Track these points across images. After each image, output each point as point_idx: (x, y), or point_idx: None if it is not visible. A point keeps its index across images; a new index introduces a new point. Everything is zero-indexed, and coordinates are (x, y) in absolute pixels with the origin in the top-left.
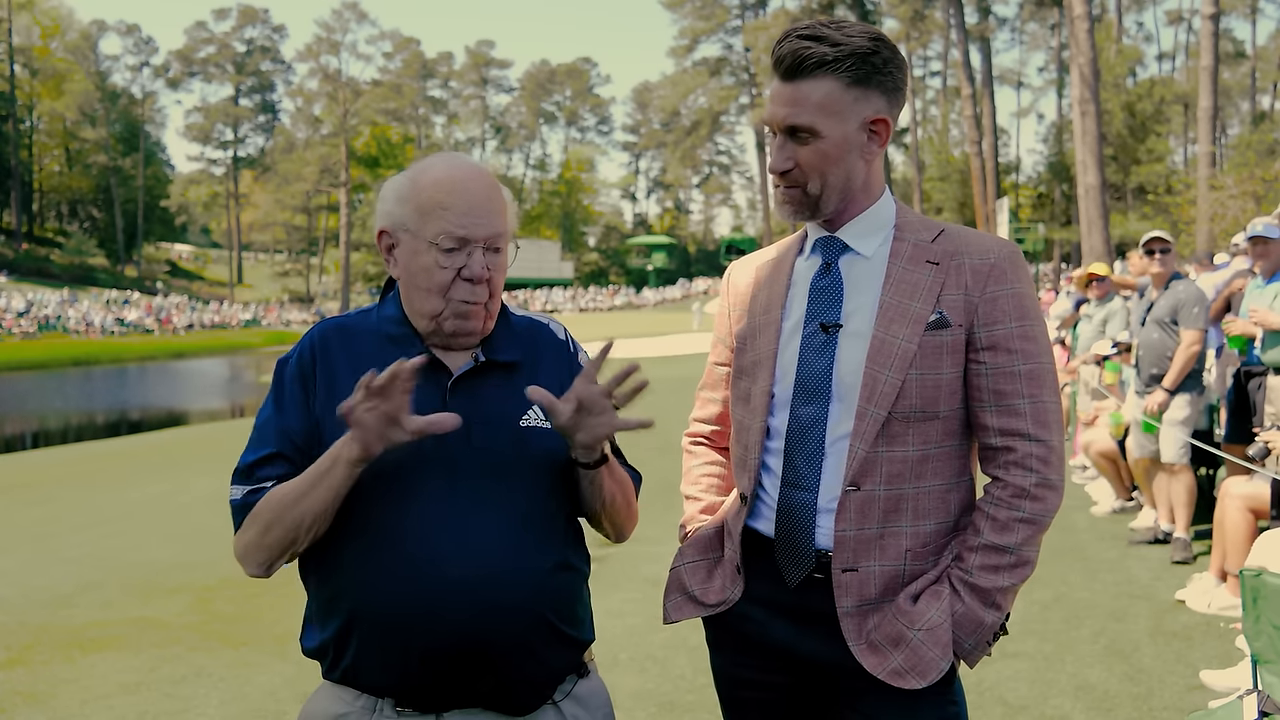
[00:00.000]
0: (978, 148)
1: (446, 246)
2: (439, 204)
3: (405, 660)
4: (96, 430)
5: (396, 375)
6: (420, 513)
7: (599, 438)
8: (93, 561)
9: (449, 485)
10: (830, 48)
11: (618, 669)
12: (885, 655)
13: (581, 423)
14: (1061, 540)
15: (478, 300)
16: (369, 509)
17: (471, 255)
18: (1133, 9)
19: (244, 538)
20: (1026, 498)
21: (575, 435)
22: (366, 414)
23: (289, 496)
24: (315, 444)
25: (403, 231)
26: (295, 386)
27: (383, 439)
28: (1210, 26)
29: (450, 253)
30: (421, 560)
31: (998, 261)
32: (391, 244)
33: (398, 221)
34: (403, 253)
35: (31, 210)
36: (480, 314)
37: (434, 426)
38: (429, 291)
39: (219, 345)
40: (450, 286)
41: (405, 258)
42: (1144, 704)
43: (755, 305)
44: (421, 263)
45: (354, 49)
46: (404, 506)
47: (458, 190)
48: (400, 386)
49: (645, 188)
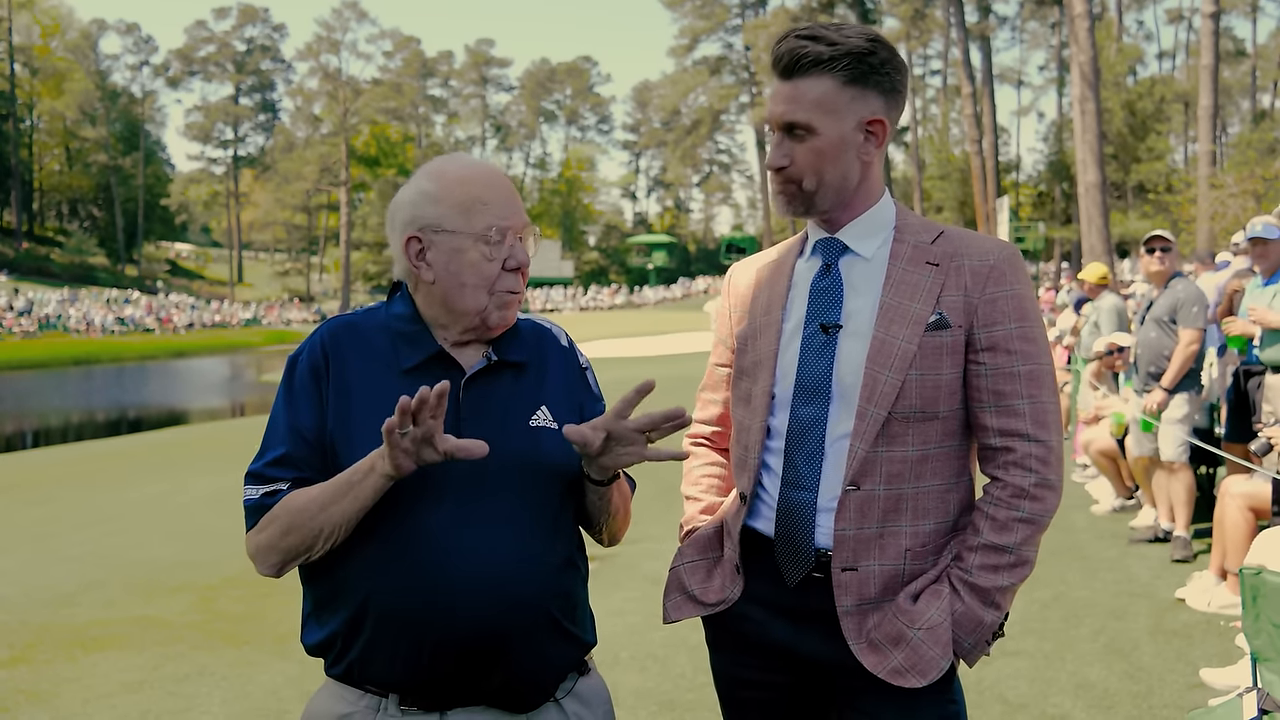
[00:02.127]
0: (978, 146)
1: (495, 239)
2: (478, 199)
3: (416, 654)
4: (97, 429)
5: (424, 401)
6: (431, 509)
7: (622, 466)
8: (94, 560)
9: (460, 482)
10: (827, 47)
11: (618, 667)
12: (885, 654)
13: (609, 450)
14: (1062, 539)
15: (518, 289)
16: (380, 505)
17: (514, 246)
18: (1133, 7)
19: (258, 538)
20: (1026, 498)
21: (599, 460)
22: (402, 438)
23: (313, 504)
24: (327, 440)
25: (439, 233)
26: (308, 382)
27: (415, 459)
28: (1210, 25)
29: (497, 245)
30: (433, 555)
31: (997, 263)
32: (422, 248)
33: (431, 223)
34: (440, 253)
35: (32, 209)
36: (517, 303)
37: (464, 451)
38: (476, 286)
39: (219, 344)
40: (497, 280)
41: (445, 257)
42: (1144, 702)
43: (756, 306)
44: (468, 259)
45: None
46: (415, 503)
47: (491, 184)
48: (428, 411)
49: (645, 186)
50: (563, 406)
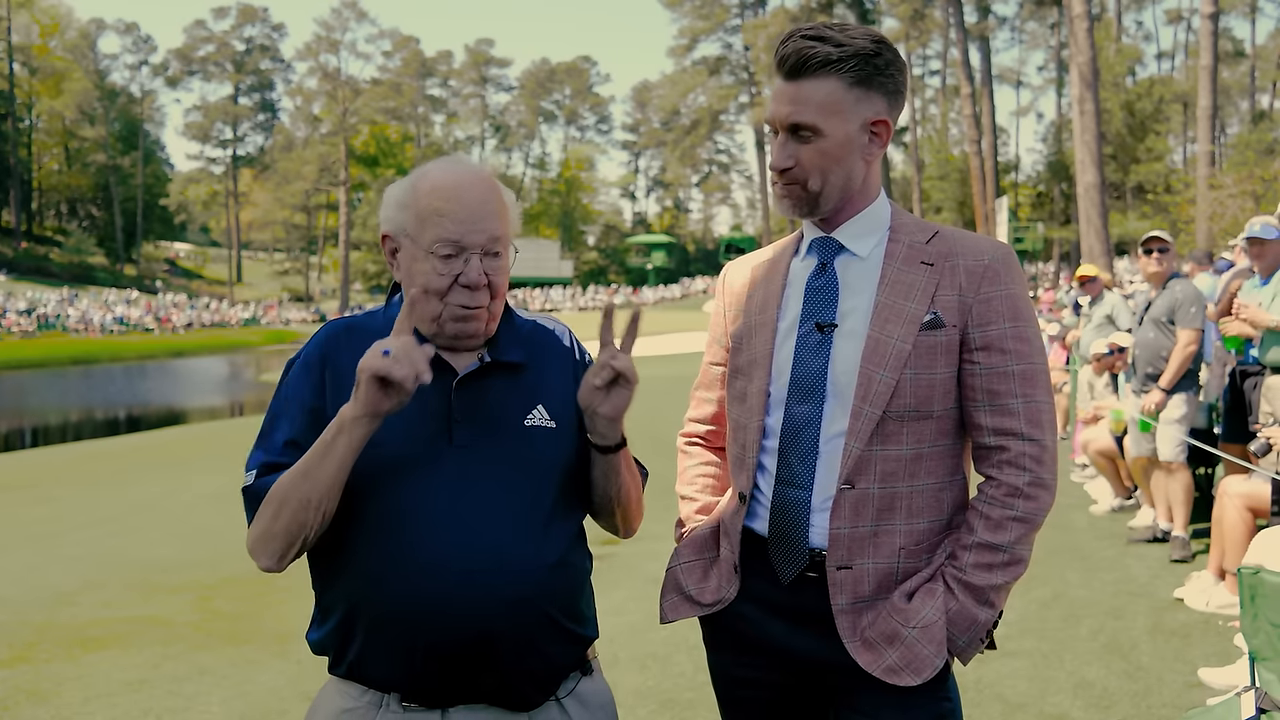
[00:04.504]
0: (977, 147)
1: (443, 254)
2: (436, 211)
3: (411, 654)
4: (96, 429)
5: None
6: (426, 509)
7: (619, 407)
8: (94, 560)
9: (454, 482)
10: (834, 48)
11: (618, 667)
12: (880, 652)
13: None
14: (1060, 539)
15: (477, 305)
16: (375, 505)
17: (469, 262)
18: (1132, 8)
19: (254, 529)
20: (1020, 496)
21: (600, 407)
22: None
23: (296, 475)
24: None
25: (403, 237)
26: (303, 381)
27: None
28: (1209, 25)
29: (447, 259)
30: (427, 555)
31: (991, 263)
32: (394, 248)
33: (399, 227)
34: (404, 258)
35: (31, 209)
36: (482, 317)
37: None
38: (428, 296)
39: (218, 344)
40: (448, 292)
41: (406, 263)
42: (1142, 701)
43: (751, 305)
44: (420, 269)
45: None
46: (410, 503)
47: (454, 197)
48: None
49: (645, 187)
50: (561, 405)
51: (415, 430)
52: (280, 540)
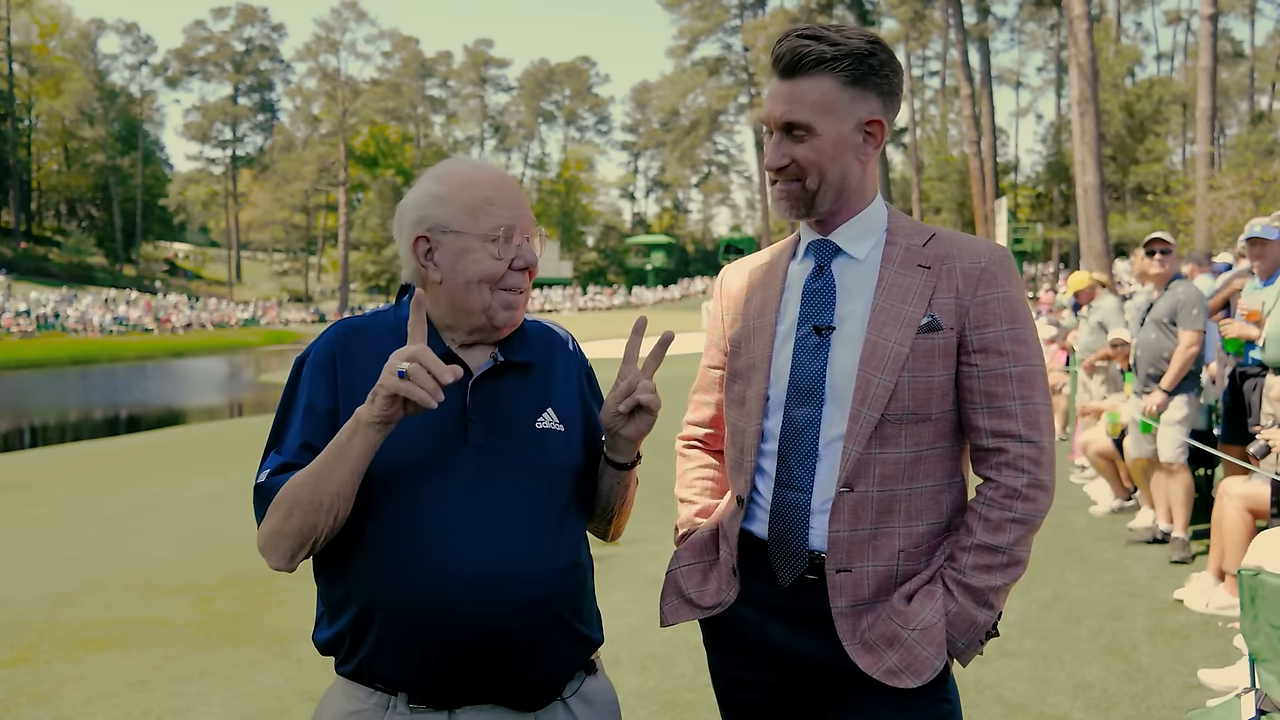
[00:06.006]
0: (976, 147)
1: (503, 239)
2: (487, 200)
3: (425, 653)
4: (96, 429)
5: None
6: (438, 510)
7: (642, 431)
8: (94, 560)
9: (466, 483)
10: (829, 47)
11: (619, 668)
12: (880, 655)
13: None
14: (1060, 540)
15: (525, 288)
16: (386, 505)
17: (521, 246)
18: (1131, 9)
19: (265, 528)
20: (1018, 498)
21: (624, 432)
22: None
23: (309, 475)
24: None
25: (446, 233)
26: (316, 382)
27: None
28: (1209, 27)
29: (504, 244)
30: (439, 556)
31: (988, 265)
32: (429, 248)
33: (439, 224)
34: (447, 253)
35: (30, 209)
36: (524, 303)
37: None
38: (481, 284)
39: (218, 344)
40: (502, 278)
41: (452, 257)
42: (1142, 702)
43: (749, 309)
44: (474, 258)
45: (353, 48)
46: (421, 503)
47: (499, 185)
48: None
49: (644, 187)
50: (569, 408)
51: (431, 428)
52: (292, 539)
